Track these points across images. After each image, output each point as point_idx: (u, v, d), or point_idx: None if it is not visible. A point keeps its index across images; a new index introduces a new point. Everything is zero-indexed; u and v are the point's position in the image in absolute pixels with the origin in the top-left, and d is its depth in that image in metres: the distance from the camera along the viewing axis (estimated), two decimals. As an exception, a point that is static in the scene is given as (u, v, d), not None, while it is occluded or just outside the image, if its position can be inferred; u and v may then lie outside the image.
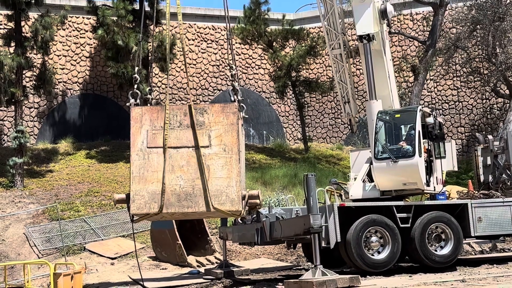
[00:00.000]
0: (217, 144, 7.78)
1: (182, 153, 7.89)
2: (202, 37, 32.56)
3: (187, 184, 7.77)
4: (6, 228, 19.39)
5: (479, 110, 31.67)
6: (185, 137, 7.94)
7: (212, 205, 7.67)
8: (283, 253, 17.40)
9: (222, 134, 7.80)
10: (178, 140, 7.96)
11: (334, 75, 16.41)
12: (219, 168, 7.68)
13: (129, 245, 18.06)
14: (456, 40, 26.66)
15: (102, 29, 25.79)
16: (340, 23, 15.61)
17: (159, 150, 7.99)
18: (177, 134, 7.97)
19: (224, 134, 7.81)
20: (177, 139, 7.97)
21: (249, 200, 8.26)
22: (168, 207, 7.85)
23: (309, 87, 30.34)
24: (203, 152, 7.81)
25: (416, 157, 13.04)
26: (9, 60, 22.23)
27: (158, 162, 7.96)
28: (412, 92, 25.56)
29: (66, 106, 29.51)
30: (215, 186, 7.68)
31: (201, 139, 7.82)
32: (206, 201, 7.69)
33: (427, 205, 13.47)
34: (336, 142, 33.45)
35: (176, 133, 7.98)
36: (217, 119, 7.88)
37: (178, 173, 7.82)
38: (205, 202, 7.70)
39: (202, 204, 7.72)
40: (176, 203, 7.81)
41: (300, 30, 30.08)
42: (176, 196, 7.81)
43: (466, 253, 16.82)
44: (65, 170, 24.50)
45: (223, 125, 7.83)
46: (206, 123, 7.91)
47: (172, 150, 7.94)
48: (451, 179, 22.06)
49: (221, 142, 7.78)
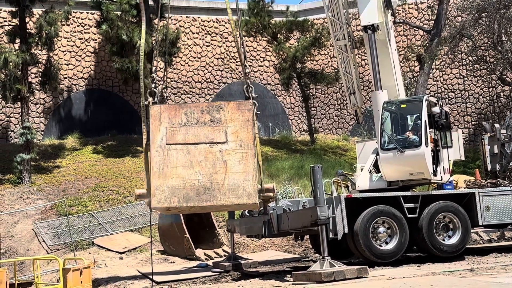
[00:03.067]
0: (233, 140, 8.04)
1: (200, 149, 8.15)
2: (206, 30, 32.50)
3: (205, 179, 8.03)
4: (15, 224, 19.49)
5: (485, 99, 31.52)
6: (202, 134, 8.17)
7: (230, 199, 7.90)
8: (291, 245, 17.43)
9: (238, 130, 8.05)
10: (196, 137, 8.22)
11: (339, 66, 16.36)
12: (236, 163, 7.94)
13: (137, 239, 18.13)
14: (462, 29, 26.51)
15: (106, 24, 25.78)
16: (344, 13, 15.56)
17: (178, 146, 8.21)
18: (195, 131, 8.18)
19: (240, 130, 8.05)
20: (195, 136, 8.23)
21: (265, 193, 8.54)
22: (188, 201, 8.07)
23: (314, 78, 30.27)
24: (220, 147, 8.03)
25: (423, 147, 13.02)
26: (14, 56, 22.26)
27: (177, 158, 8.18)
28: (418, 81, 25.45)
29: (72, 102, 29.56)
30: (232, 180, 7.94)
31: (218, 136, 8.03)
32: (224, 195, 7.92)
33: (434, 195, 13.46)
34: (342, 133, 33.39)
35: (194, 130, 8.20)
36: (233, 116, 8.13)
37: (196, 168, 8.07)
38: (223, 196, 7.93)
39: (220, 198, 7.96)
40: (195, 197, 8.05)
41: (304, 21, 29.97)
42: (195, 191, 8.05)
43: (474, 242, 16.80)
44: (72, 166, 24.58)
45: (239, 122, 8.08)
46: (222, 120, 8.16)
47: (190, 146, 8.19)
48: (458, 168, 21.99)
49: (237, 138, 8.03)
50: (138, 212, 19.95)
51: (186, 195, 8.06)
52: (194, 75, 31.86)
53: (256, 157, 8.02)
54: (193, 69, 31.87)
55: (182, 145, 8.18)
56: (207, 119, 8.17)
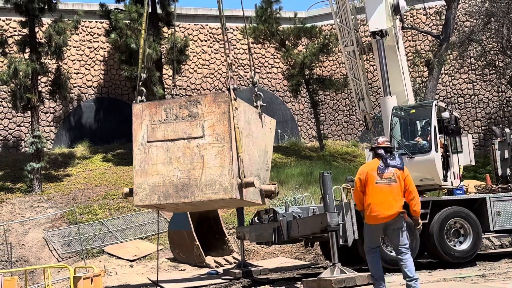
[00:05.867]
0: (210, 134, 7.84)
1: (179, 145, 7.99)
2: (214, 38, 32.60)
3: (184, 175, 7.87)
4: (26, 232, 19.57)
5: (495, 103, 31.39)
6: (181, 129, 8.02)
7: (207, 194, 7.70)
8: (301, 252, 17.38)
9: (215, 123, 7.84)
10: (175, 133, 8.06)
11: (347, 72, 16.35)
12: (213, 157, 7.73)
13: (147, 247, 18.15)
14: (470, 33, 26.43)
15: (115, 32, 25.93)
16: (352, 19, 15.54)
17: (158, 144, 8.11)
18: (174, 127, 8.06)
19: (216, 123, 7.84)
20: (173, 132, 8.07)
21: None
22: (167, 198, 7.95)
23: (322, 84, 30.27)
24: (198, 142, 7.87)
25: (433, 152, 12.96)
26: (24, 66, 22.42)
27: (157, 155, 8.08)
28: (427, 87, 25.37)
29: (81, 110, 29.72)
30: (209, 175, 7.73)
31: (195, 130, 7.89)
32: (201, 191, 7.74)
33: (445, 201, 13.37)
34: (351, 139, 33.33)
35: (172, 126, 8.07)
36: (209, 109, 7.92)
37: (175, 165, 7.93)
38: (200, 192, 7.75)
39: (198, 194, 7.77)
40: (174, 194, 7.91)
41: (312, 28, 30.01)
42: (174, 187, 7.92)
43: (485, 248, 16.69)
44: (82, 174, 24.67)
45: (215, 115, 7.86)
46: (199, 114, 7.97)
47: (169, 142, 8.06)
48: (469, 174, 21.88)
49: (214, 131, 7.83)
50: (148, 220, 19.98)
51: (166, 192, 7.96)
52: (202, 82, 31.96)
53: (233, 150, 7.72)
54: (202, 77, 31.97)
55: (162, 142, 8.09)
56: (185, 114, 8.03)
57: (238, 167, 7.69)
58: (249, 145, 8.14)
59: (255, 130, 8.38)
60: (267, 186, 8.25)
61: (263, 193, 8.32)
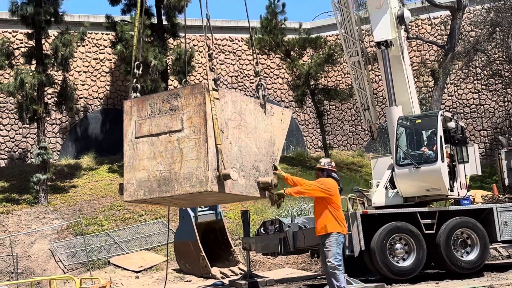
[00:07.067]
0: (188, 126, 7.74)
1: (162, 140, 7.94)
2: (220, 49, 32.70)
3: (166, 169, 7.80)
4: (32, 244, 19.58)
5: (501, 113, 31.30)
6: (163, 123, 7.98)
7: (185, 188, 7.63)
8: (307, 263, 17.32)
9: (192, 116, 7.73)
10: (158, 127, 8.01)
11: (353, 82, 16.35)
12: (190, 150, 7.63)
13: (153, 258, 18.12)
14: (476, 43, 26.43)
15: (121, 44, 26.03)
16: (357, 30, 15.57)
17: (144, 139, 8.08)
18: (157, 122, 8.02)
19: (193, 115, 7.73)
20: (157, 126, 8.02)
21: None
22: (151, 193, 7.91)
23: (328, 95, 30.26)
24: (178, 136, 7.81)
25: (439, 162, 12.92)
26: (30, 78, 22.53)
27: (143, 151, 8.06)
28: (432, 97, 25.35)
29: (87, 122, 29.80)
30: (187, 168, 7.63)
31: (175, 124, 7.83)
32: (180, 184, 7.67)
33: (451, 211, 13.31)
34: (357, 149, 33.28)
35: (156, 120, 8.04)
36: (187, 102, 7.82)
37: (158, 159, 7.88)
38: (179, 185, 7.68)
39: (177, 188, 7.69)
40: (157, 188, 7.87)
41: (317, 38, 30.04)
42: (157, 182, 7.87)
43: (493, 258, 16.58)
44: (88, 185, 24.71)
45: (192, 107, 7.75)
46: (179, 107, 7.88)
47: (154, 137, 8.02)
48: (475, 184, 21.80)
49: (191, 124, 7.72)
50: (154, 231, 19.97)
51: (150, 187, 7.92)
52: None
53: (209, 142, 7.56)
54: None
55: (148, 137, 8.05)
56: (167, 107, 7.96)
57: (217, 159, 7.56)
58: (239, 136, 8.00)
59: (252, 121, 8.20)
60: (263, 178, 8.10)
61: (261, 186, 8.14)
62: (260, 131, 8.30)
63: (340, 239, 8.68)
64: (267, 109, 8.53)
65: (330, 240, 8.60)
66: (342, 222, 8.78)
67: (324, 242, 8.69)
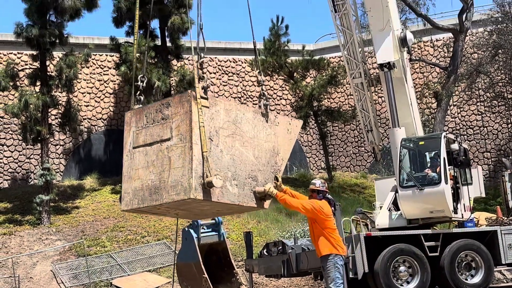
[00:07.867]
0: (176, 135, 7.82)
1: (154, 149, 8.03)
2: (223, 70, 32.87)
3: (156, 178, 7.86)
4: (34, 265, 19.50)
5: (504, 135, 31.28)
6: (155, 133, 8.07)
7: (171, 196, 7.66)
8: (310, 285, 17.20)
9: (180, 124, 7.81)
10: (151, 137, 8.10)
11: (356, 104, 16.38)
12: (177, 158, 7.69)
13: (155, 280, 18.02)
14: (478, 65, 26.51)
15: (125, 65, 26.17)
16: (360, 52, 15.64)
17: (140, 149, 8.16)
18: (151, 131, 8.11)
19: (181, 123, 7.80)
20: (150, 136, 8.12)
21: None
22: (144, 201, 7.95)
23: (331, 116, 30.33)
24: (167, 144, 7.88)
25: (442, 184, 12.88)
26: (35, 99, 22.63)
27: (139, 160, 8.14)
28: (436, 118, 25.38)
29: (91, 143, 29.87)
30: (174, 176, 7.68)
31: (166, 132, 7.91)
32: (168, 192, 7.71)
33: (455, 233, 13.25)
34: (360, 170, 33.23)
35: (150, 130, 8.13)
36: (176, 110, 7.91)
37: (151, 168, 7.95)
38: (167, 194, 7.73)
39: (165, 196, 7.73)
40: (148, 197, 7.92)
41: (320, 60, 30.20)
42: (148, 191, 7.93)
43: (497, 281, 16.45)
44: (91, 206, 24.67)
45: (180, 115, 7.83)
46: (169, 115, 7.97)
47: (148, 147, 8.10)
48: (479, 206, 21.70)
49: (179, 132, 7.79)
50: (157, 252, 19.88)
51: (143, 196, 7.98)
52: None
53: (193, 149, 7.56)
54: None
55: (143, 147, 8.15)
56: (160, 117, 8.06)
57: (203, 166, 7.56)
58: (233, 144, 8.00)
59: (249, 130, 8.18)
60: (259, 188, 8.07)
61: (257, 196, 8.08)
62: (260, 141, 8.28)
63: (337, 261, 8.62)
64: (270, 119, 8.50)
65: (328, 265, 8.55)
66: (339, 244, 8.72)
67: (324, 267, 8.65)
